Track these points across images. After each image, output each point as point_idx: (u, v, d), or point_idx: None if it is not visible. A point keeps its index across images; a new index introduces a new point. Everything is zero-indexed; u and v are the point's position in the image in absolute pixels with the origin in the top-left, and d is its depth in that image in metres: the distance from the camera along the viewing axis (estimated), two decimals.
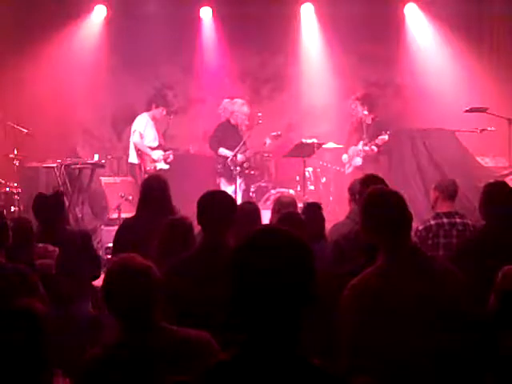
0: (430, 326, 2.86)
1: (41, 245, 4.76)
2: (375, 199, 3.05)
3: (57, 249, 4.75)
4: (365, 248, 3.66)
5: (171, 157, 9.52)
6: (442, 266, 3.06)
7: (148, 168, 9.41)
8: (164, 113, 9.62)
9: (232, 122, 9.19)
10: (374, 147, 9.01)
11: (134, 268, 2.76)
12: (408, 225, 3.04)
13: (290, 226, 3.95)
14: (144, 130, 9.47)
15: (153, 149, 9.50)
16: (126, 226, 5.29)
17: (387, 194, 3.09)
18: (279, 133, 9.16)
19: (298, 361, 1.78)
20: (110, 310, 2.77)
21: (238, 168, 9.03)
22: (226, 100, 9.49)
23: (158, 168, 9.36)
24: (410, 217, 3.03)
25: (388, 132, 8.87)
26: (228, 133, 9.10)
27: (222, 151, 9.13)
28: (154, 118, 9.58)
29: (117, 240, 5.17)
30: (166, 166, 9.47)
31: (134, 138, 9.50)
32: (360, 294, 2.92)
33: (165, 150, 9.55)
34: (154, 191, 5.19)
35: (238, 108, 9.17)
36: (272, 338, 1.77)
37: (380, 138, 8.90)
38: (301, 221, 4.60)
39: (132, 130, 9.55)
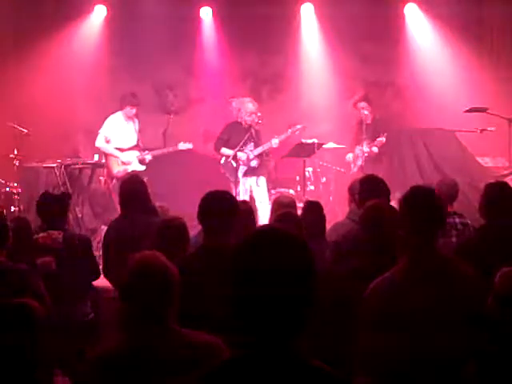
0: (450, 329, 2.87)
1: (43, 234, 4.77)
2: (413, 197, 3.07)
3: (61, 235, 4.75)
4: (364, 248, 3.67)
5: (148, 157, 9.21)
6: (464, 270, 3.07)
7: (116, 171, 9.12)
8: (134, 111, 9.18)
9: (239, 120, 9.01)
10: (374, 148, 9.00)
11: (155, 267, 2.74)
12: (438, 227, 3.06)
13: (286, 226, 3.95)
14: (112, 132, 9.18)
15: (125, 150, 9.23)
16: (111, 228, 5.38)
17: (426, 193, 3.09)
18: (303, 126, 8.97)
19: (299, 362, 1.78)
20: (127, 307, 2.73)
21: (244, 167, 8.84)
22: (234, 99, 9.36)
23: (128, 170, 9.02)
24: (442, 219, 3.05)
25: (385, 134, 8.85)
26: (234, 133, 8.88)
27: (224, 151, 8.95)
28: (128, 118, 9.23)
29: (106, 242, 5.25)
30: (141, 168, 9.13)
31: (97, 142, 9.23)
32: (382, 293, 2.93)
33: (143, 151, 9.27)
34: (132, 191, 5.23)
35: (243, 106, 9.02)
36: (273, 338, 1.76)
37: (378, 140, 8.89)
38: (297, 221, 4.60)
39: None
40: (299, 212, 5.30)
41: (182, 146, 9.38)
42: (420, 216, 3.01)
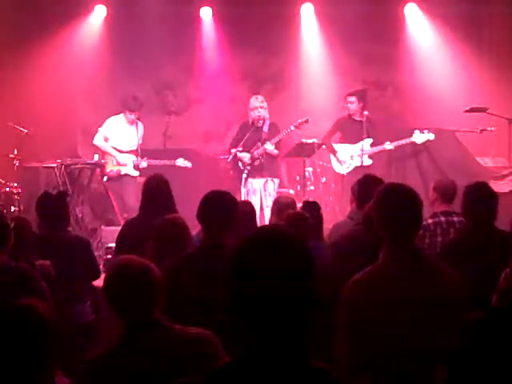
0: (425, 326, 2.87)
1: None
2: (388, 195, 3.05)
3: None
4: (364, 248, 3.66)
5: (144, 164, 9.06)
6: (442, 269, 3.06)
7: (109, 170, 9.09)
8: (133, 116, 9.07)
9: (249, 118, 8.79)
10: (391, 146, 8.72)
11: (134, 267, 2.77)
12: (414, 226, 3.03)
13: (297, 226, 3.94)
14: (111, 132, 9.13)
15: (123, 152, 9.15)
16: (129, 226, 5.30)
17: (402, 191, 3.07)
18: (306, 118, 8.69)
19: (301, 364, 1.77)
20: (112, 309, 2.78)
21: (248, 167, 8.62)
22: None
23: (122, 172, 9.01)
24: (418, 218, 3.02)
25: (430, 131, 8.46)
26: (245, 133, 8.65)
27: (233, 151, 8.72)
28: (129, 121, 9.13)
29: (120, 240, 5.18)
30: (135, 173, 9.03)
31: (95, 139, 9.21)
32: (360, 289, 2.93)
33: (141, 157, 9.13)
34: (155, 191, 5.20)
35: (249, 103, 8.78)
36: (274, 340, 1.76)
37: (422, 135, 8.44)
38: (308, 222, 4.61)
39: None
40: None
41: (180, 162, 9.16)
42: (394, 215, 2.99)
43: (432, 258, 3.34)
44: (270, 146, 8.57)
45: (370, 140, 8.82)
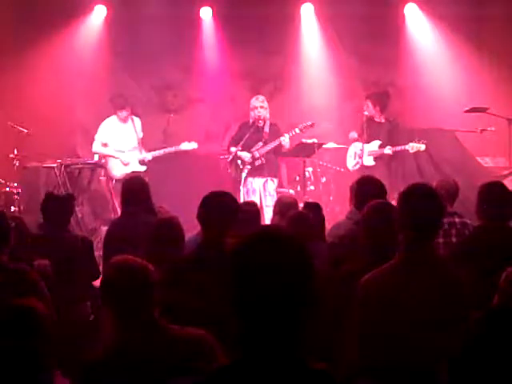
0: (435, 326, 2.88)
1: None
2: (412, 195, 3.07)
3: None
4: (362, 248, 3.66)
5: (148, 157, 9.16)
6: (456, 274, 3.07)
7: (116, 172, 9.16)
8: (124, 113, 9.16)
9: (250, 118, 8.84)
10: (389, 151, 8.72)
11: (130, 267, 2.77)
12: (433, 229, 3.05)
13: (298, 227, 3.95)
14: (108, 136, 9.19)
15: (125, 152, 9.25)
16: (112, 228, 5.40)
17: (425, 193, 3.09)
18: (312, 122, 8.78)
19: (299, 364, 1.77)
20: (109, 308, 2.78)
21: (248, 166, 8.66)
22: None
23: (128, 171, 9.04)
24: (440, 220, 3.04)
25: (424, 141, 8.37)
26: (245, 132, 8.69)
27: (232, 150, 8.76)
28: (122, 120, 9.23)
29: (107, 241, 5.25)
30: (142, 168, 9.10)
31: (94, 147, 9.27)
32: (373, 288, 2.95)
33: (145, 151, 9.25)
34: (134, 191, 5.26)
35: (250, 105, 8.87)
36: (273, 340, 1.76)
37: (415, 145, 8.40)
38: (309, 222, 4.60)
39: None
40: None
41: (185, 145, 9.22)
42: (418, 213, 3.01)
43: (447, 262, 3.35)
44: (287, 139, 8.62)
45: (379, 142, 8.85)
